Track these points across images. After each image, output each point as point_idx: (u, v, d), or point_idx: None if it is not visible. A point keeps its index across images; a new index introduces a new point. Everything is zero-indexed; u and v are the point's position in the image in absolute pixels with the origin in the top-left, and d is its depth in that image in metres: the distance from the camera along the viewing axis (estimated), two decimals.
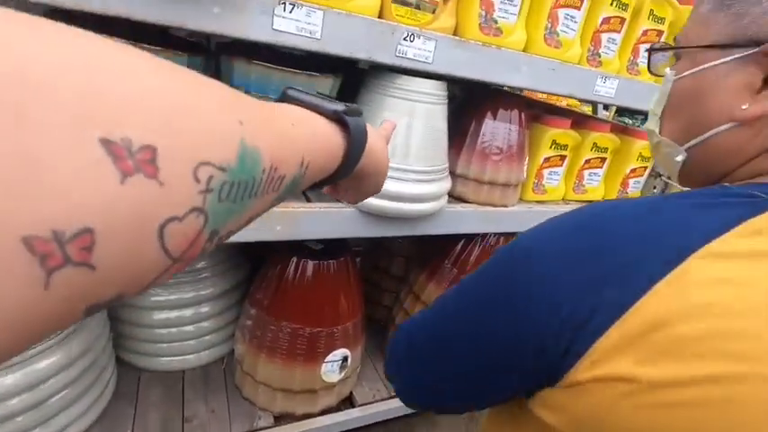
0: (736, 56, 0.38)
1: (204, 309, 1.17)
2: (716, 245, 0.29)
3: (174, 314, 1.14)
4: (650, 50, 0.50)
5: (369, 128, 0.38)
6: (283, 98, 0.36)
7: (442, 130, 0.98)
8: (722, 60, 0.39)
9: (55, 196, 0.13)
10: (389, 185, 0.93)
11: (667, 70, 0.46)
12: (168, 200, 0.17)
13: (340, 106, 0.35)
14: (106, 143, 0.15)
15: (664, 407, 0.29)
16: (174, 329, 1.17)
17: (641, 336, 0.29)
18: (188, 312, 1.16)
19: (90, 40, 0.16)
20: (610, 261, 0.32)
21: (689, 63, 0.43)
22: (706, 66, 0.40)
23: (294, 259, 1.09)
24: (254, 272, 1.25)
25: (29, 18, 0.15)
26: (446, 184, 1.02)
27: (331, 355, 1.15)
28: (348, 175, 0.37)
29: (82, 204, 0.14)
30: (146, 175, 0.16)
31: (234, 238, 0.83)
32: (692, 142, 0.43)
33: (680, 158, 0.45)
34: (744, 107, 0.37)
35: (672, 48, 0.47)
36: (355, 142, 0.35)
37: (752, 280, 0.28)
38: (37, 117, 0.13)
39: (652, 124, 0.48)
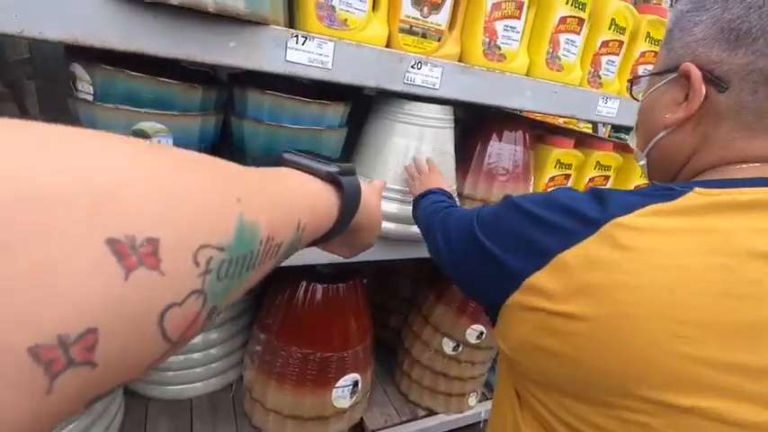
0: (667, 79, 0.49)
1: (212, 335, 1.16)
2: (624, 218, 0.38)
3: None
4: (629, 81, 0.63)
5: (362, 184, 0.42)
6: (280, 161, 0.39)
7: (450, 153, 1.00)
8: (661, 83, 0.50)
9: (62, 300, 0.14)
10: (395, 208, 0.94)
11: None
12: (170, 287, 0.17)
13: (333, 167, 0.37)
14: (111, 243, 0.15)
15: (561, 333, 0.39)
16: (181, 357, 1.16)
17: (559, 277, 0.39)
18: (196, 339, 1.15)
19: (83, 139, 0.17)
20: (551, 221, 0.43)
21: (647, 87, 0.54)
22: (652, 89, 0.52)
23: (303, 283, 1.09)
24: (262, 296, 1.24)
25: (23, 125, 0.15)
26: None
27: (342, 380, 1.14)
28: (343, 232, 0.39)
29: (88, 305, 0.14)
30: (148, 268, 0.16)
31: None
32: (646, 149, 0.53)
33: (642, 162, 0.56)
34: (667, 116, 0.48)
35: (635, 77, 0.61)
36: (349, 201, 0.38)
37: (640, 246, 0.37)
38: (47, 229, 0.14)
39: (631, 138, 0.59)
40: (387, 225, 0.93)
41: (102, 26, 0.59)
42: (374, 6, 0.81)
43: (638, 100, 0.60)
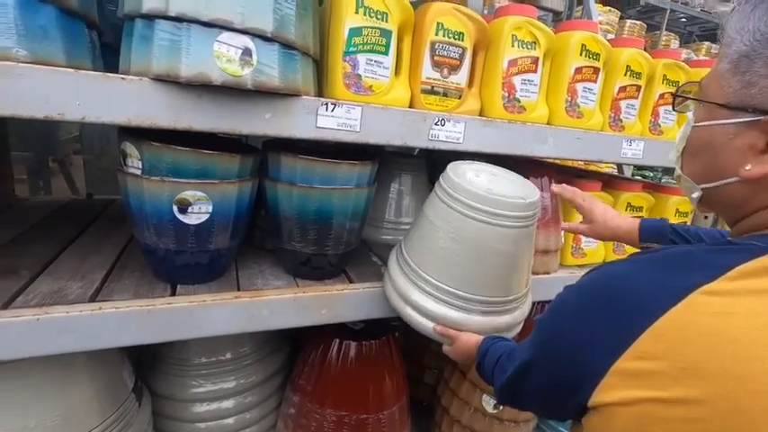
0: (744, 120, 0.43)
1: (247, 399, 1.14)
2: (714, 284, 0.35)
3: (214, 406, 1.11)
4: (674, 95, 0.58)
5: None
6: None
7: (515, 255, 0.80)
8: (732, 121, 0.44)
9: None
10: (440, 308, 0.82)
11: (689, 114, 0.53)
12: None
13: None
14: None
15: (675, 422, 0.34)
16: (213, 423, 1.14)
17: (650, 360, 0.35)
18: (228, 403, 1.13)
19: None
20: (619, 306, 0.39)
21: (705, 113, 0.48)
22: (718, 122, 0.46)
23: (336, 341, 1.08)
24: (294, 355, 1.23)
25: None
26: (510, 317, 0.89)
27: None
28: None
29: None
30: None
31: (282, 323, 0.83)
32: (705, 186, 0.49)
33: (696, 195, 0.52)
34: (747, 168, 0.43)
35: (691, 98, 0.54)
36: None
37: (741, 311, 0.34)
38: None
39: (674, 157, 0.55)
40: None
41: (154, 109, 0.64)
42: (396, 71, 0.86)
43: (681, 112, 0.57)
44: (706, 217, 1.38)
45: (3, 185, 1.27)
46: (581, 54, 1.00)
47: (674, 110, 0.59)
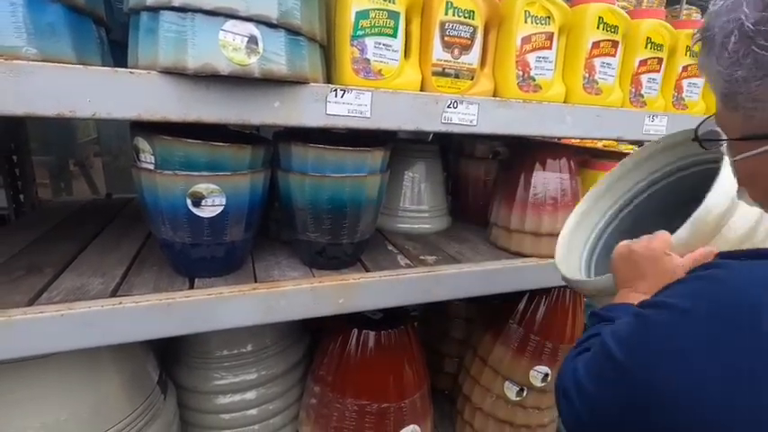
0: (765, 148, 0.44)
1: (269, 389, 1.15)
2: None
3: (237, 398, 1.13)
4: (698, 140, 0.56)
5: None
6: None
7: None
8: (758, 150, 0.44)
9: None
10: None
11: (726, 158, 0.52)
12: None
13: None
14: None
15: None
16: (237, 414, 1.15)
17: None
18: (251, 395, 1.14)
19: None
20: None
21: (734, 149, 0.48)
22: (747, 154, 0.46)
23: (355, 331, 1.08)
24: (315, 345, 1.23)
25: None
26: None
27: None
28: None
29: None
30: None
31: (300, 313, 0.83)
32: None
33: None
34: None
35: (711, 140, 0.52)
36: None
37: None
38: None
39: (743, 196, 0.53)
40: None
41: (163, 102, 0.64)
42: (406, 54, 0.84)
43: (703, 146, 0.55)
44: None
45: (26, 189, 1.30)
46: (598, 27, 0.96)
47: (701, 145, 0.56)
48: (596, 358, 0.48)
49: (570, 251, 0.86)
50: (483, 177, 1.31)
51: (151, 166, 0.73)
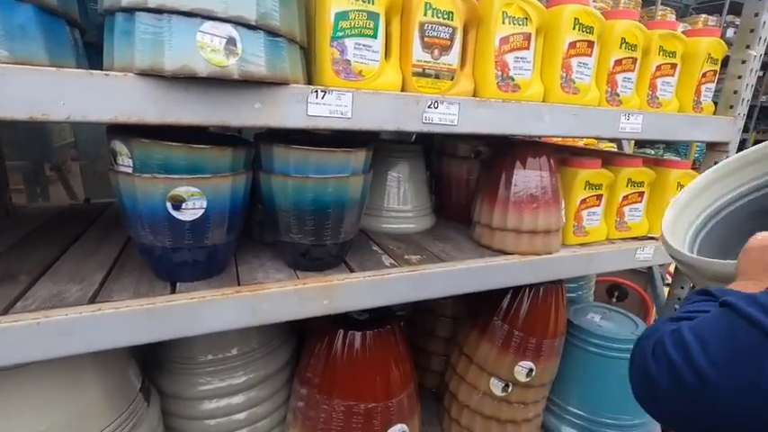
0: None
1: (256, 393, 1.14)
2: None
3: (223, 403, 1.11)
4: None
5: None
6: None
7: None
8: None
9: None
10: None
11: None
12: None
13: None
14: None
15: None
16: (224, 419, 1.14)
17: None
18: (238, 399, 1.13)
19: None
20: None
21: None
22: None
23: (341, 332, 1.08)
24: (300, 348, 1.23)
25: None
26: None
27: (388, 431, 1.08)
28: None
29: None
30: None
31: (284, 315, 0.82)
32: None
33: None
34: None
35: None
36: None
37: None
38: None
39: None
40: None
41: (140, 105, 0.63)
42: (386, 55, 0.84)
43: None
44: None
45: None
46: (574, 28, 0.98)
47: None
48: (732, 324, 0.43)
49: (675, 228, 0.82)
50: (466, 176, 1.33)
51: (129, 170, 0.71)
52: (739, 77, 1.28)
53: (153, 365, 1.10)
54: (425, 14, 0.84)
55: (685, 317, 0.50)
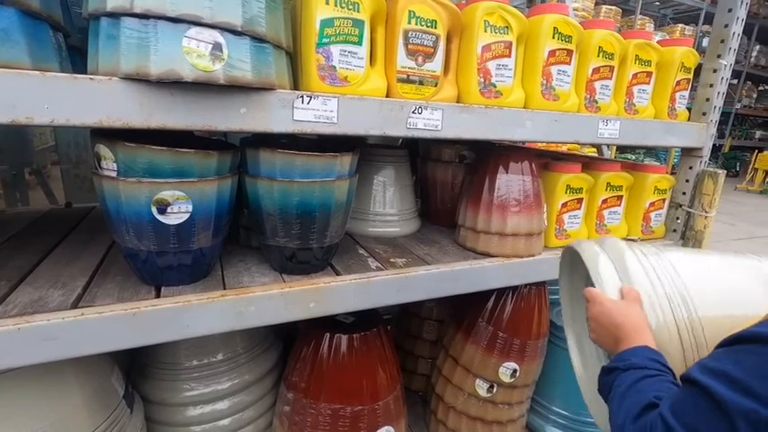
0: None
1: (242, 399, 1.13)
2: None
3: (208, 408, 1.10)
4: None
5: None
6: None
7: None
8: None
9: None
10: None
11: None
12: None
13: None
14: None
15: None
16: (208, 425, 1.13)
17: None
18: (223, 404, 1.12)
19: None
20: None
21: None
22: None
23: (327, 335, 1.08)
24: (287, 352, 1.23)
25: None
26: None
27: None
28: None
29: None
30: None
31: (270, 319, 0.82)
32: None
33: None
34: None
35: None
36: None
37: None
38: None
39: None
40: None
41: (125, 109, 0.63)
42: (372, 62, 0.86)
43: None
44: (684, 193, 1.41)
45: None
46: (553, 37, 1.01)
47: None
48: (699, 405, 0.46)
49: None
50: (450, 181, 1.35)
51: (113, 174, 0.71)
52: (711, 86, 1.33)
53: (137, 372, 1.09)
54: (409, 22, 0.86)
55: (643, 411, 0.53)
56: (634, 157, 8.36)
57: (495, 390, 1.26)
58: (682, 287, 0.69)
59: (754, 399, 0.43)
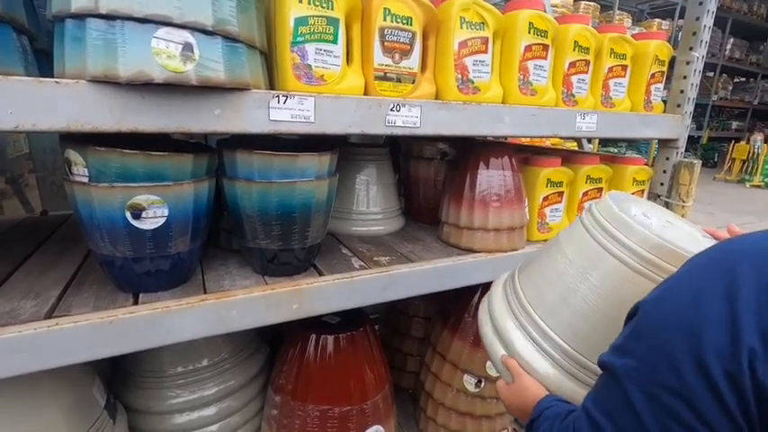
0: None
1: (229, 404, 1.12)
2: None
3: (194, 415, 1.09)
4: None
5: None
6: None
7: None
8: None
9: None
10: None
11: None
12: None
13: None
14: None
15: None
16: None
17: None
18: (210, 410, 1.11)
19: None
20: None
21: None
22: None
23: (313, 336, 1.07)
24: (273, 355, 1.21)
25: None
26: None
27: None
28: None
29: None
30: None
31: (253, 322, 0.81)
32: None
33: None
34: None
35: None
36: None
37: None
38: None
39: None
40: None
41: (94, 112, 0.62)
42: (348, 60, 0.85)
43: None
44: (662, 184, 1.43)
45: None
46: (529, 32, 1.02)
47: None
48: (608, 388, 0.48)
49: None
50: (433, 178, 1.35)
51: (85, 179, 0.69)
52: (685, 77, 1.36)
53: (120, 381, 1.07)
54: (385, 20, 0.86)
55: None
56: (616, 150, 8.50)
57: (483, 384, 1.27)
58: (537, 319, 0.72)
59: (630, 356, 0.45)
